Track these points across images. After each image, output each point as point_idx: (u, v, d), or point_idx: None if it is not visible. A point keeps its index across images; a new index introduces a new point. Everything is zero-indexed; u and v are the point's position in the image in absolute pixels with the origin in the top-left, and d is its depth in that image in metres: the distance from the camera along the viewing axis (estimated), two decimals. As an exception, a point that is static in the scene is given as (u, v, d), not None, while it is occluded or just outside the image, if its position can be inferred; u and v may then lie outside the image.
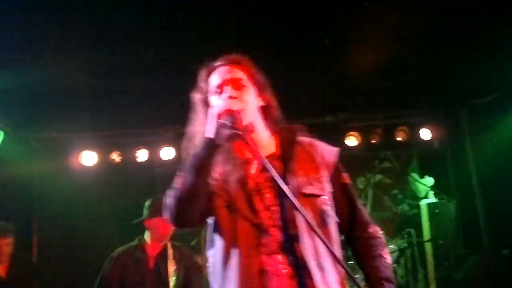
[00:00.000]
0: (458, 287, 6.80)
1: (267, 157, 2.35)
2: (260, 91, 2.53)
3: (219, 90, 2.46)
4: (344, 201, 2.53)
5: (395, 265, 6.95)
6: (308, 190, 2.37)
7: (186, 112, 2.40)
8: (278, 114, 2.57)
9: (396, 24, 5.11)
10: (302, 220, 2.24)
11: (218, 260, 2.36)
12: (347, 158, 2.62)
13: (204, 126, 2.37)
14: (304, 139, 2.54)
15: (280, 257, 2.25)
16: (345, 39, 5.43)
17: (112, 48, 5.30)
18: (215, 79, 2.50)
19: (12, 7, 4.56)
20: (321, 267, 2.25)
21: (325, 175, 2.45)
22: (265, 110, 2.54)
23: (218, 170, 2.39)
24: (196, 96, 2.58)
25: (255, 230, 2.29)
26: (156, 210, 4.73)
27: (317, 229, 2.14)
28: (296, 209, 2.19)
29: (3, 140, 6.50)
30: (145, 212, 4.87)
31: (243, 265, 2.26)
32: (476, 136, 7.32)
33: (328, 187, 2.43)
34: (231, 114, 2.29)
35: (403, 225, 7.62)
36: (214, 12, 4.86)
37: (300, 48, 5.32)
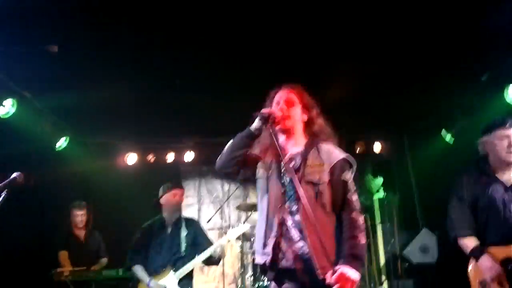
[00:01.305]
0: (401, 259, 6.80)
1: (295, 153, 2.73)
2: (305, 110, 2.81)
3: (276, 104, 2.80)
4: (340, 191, 2.64)
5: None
6: (309, 178, 2.60)
7: (202, 127, 2.53)
8: (319, 128, 2.81)
9: (355, 70, 5.16)
10: (303, 195, 2.48)
11: (258, 211, 2.76)
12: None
13: None
14: (324, 144, 2.75)
15: (293, 218, 2.59)
16: (318, 79, 5.45)
17: (149, 73, 5.31)
18: (277, 98, 2.83)
19: (77, 42, 4.56)
20: (314, 232, 2.46)
21: (326, 170, 2.63)
22: (307, 123, 2.81)
23: (265, 151, 2.76)
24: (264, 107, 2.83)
25: (281, 196, 2.63)
26: (165, 189, 4.98)
27: (311, 204, 2.48)
28: (299, 188, 2.50)
29: (68, 144, 6.50)
30: (160, 193, 5.01)
31: (270, 215, 2.63)
32: (414, 149, 7.36)
33: (325, 179, 2.61)
34: (271, 114, 2.67)
35: (361, 212, 7.61)
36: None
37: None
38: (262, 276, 5.05)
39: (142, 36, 4.57)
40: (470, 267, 3.46)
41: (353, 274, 2.42)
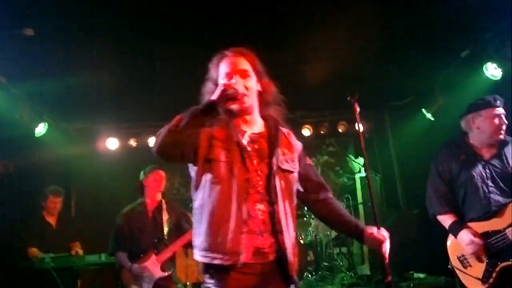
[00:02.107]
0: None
1: (256, 134, 2.34)
2: (260, 79, 2.39)
3: (227, 77, 2.32)
4: (310, 175, 2.48)
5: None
6: (285, 166, 2.32)
7: (183, 109, 2.30)
8: (272, 98, 2.42)
9: (337, 46, 5.14)
10: (279, 186, 2.23)
11: (209, 202, 2.21)
12: (303, 144, 2.59)
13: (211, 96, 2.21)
14: (284, 129, 2.44)
15: (262, 206, 2.20)
16: (302, 57, 5.41)
17: (130, 58, 5.24)
18: (225, 67, 2.35)
19: (54, 27, 4.47)
20: (286, 222, 2.23)
21: (296, 158, 2.40)
22: (261, 95, 2.40)
23: (223, 131, 2.27)
24: (208, 78, 2.42)
25: (246, 184, 2.20)
26: (146, 173, 4.87)
27: (284, 194, 2.24)
28: (275, 178, 2.23)
29: (47, 130, 6.39)
30: (141, 177, 4.91)
31: (229, 206, 2.16)
32: (395, 129, 7.42)
33: (297, 167, 2.39)
34: (235, 93, 2.18)
35: (343, 192, 7.69)
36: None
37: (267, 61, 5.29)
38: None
39: (120, 19, 4.49)
40: (448, 243, 3.50)
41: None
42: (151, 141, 7.38)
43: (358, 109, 2.63)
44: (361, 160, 7.76)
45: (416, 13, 4.58)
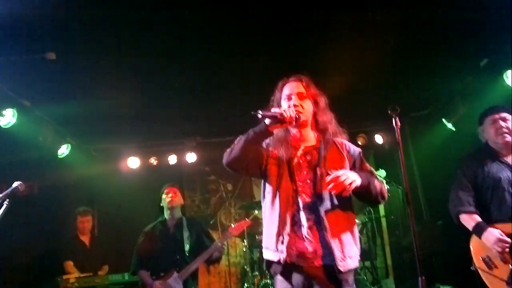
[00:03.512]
0: (406, 250, 6.78)
1: (309, 147, 2.73)
2: (315, 102, 2.79)
3: (287, 98, 2.76)
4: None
5: (360, 234, 6.94)
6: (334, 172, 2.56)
7: (203, 127, 2.47)
8: (327, 122, 2.79)
9: (354, 58, 5.13)
10: (326, 192, 2.54)
11: (266, 208, 2.67)
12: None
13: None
14: (338, 140, 2.79)
15: (305, 213, 2.56)
16: (320, 70, 5.42)
17: (150, 81, 5.30)
18: (286, 90, 2.80)
19: (75, 50, 4.56)
20: (332, 225, 2.52)
21: (347, 165, 2.68)
22: (316, 115, 2.79)
23: (278, 147, 2.70)
24: (272, 98, 2.86)
25: (292, 193, 2.59)
26: (162, 192, 5.06)
27: (331, 200, 2.55)
28: (321, 183, 2.55)
29: (70, 151, 6.50)
30: (161, 196, 5.05)
31: (282, 212, 2.57)
32: (416, 140, 7.31)
33: None
34: (282, 117, 2.55)
35: (365, 205, 7.61)
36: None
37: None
38: (267, 273, 5.04)
39: (140, 40, 4.56)
40: (471, 244, 3.49)
41: (353, 174, 2.50)
42: (171, 159, 7.45)
43: (399, 123, 2.95)
44: (382, 172, 7.68)
45: (433, 23, 4.55)
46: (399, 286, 6.58)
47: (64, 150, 6.40)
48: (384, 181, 7.49)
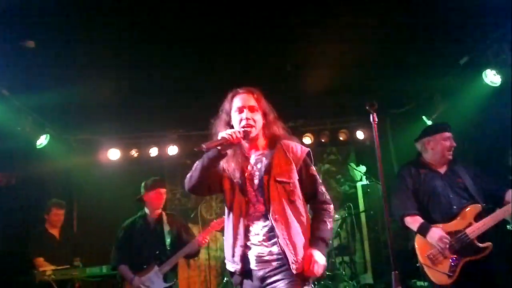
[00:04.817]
0: (384, 246, 6.85)
1: (259, 155, 2.79)
2: (264, 115, 2.83)
3: (238, 110, 2.79)
4: (310, 185, 2.80)
5: (339, 229, 6.99)
6: (280, 178, 2.68)
7: (185, 120, 2.47)
8: (276, 128, 2.85)
9: (337, 55, 5.16)
10: (275, 196, 2.63)
11: (225, 222, 2.81)
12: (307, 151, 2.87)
13: (222, 130, 2.74)
14: (284, 142, 2.81)
15: (260, 222, 2.66)
16: (302, 66, 5.43)
17: (131, 72, 5.25)
18: (238, 102, 2.82)
19: (55, 38, 4.47)
20: (286, 229, 2.60)
21: (294, 169, 2.72)
22: (266, 127, 2.84)
23: (230, 163, 2.76)
24: (222, 109, 2.91)
25: (245, 204, 2.69)
26: (148, 188, 4.87)
27: (282, 204, 2.63)
28: (269, 191, 2.63)
29: (49, 141, 6.39)
30: (142, 190, 4.91)
31: (235, 225, 2.70)
32: (396, 136, 7.38)
33: (295, 176, 2.72)
34: (229, 142, 2.61)
35: (345, 200, 7.66)
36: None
37: (270, 73, 5.30)
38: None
39: (121, 31, 4.50)
40: (416, 243, 3.81)
41: (321, 258, 2.61)
42: (152, 152, 7.38)
43: (376, 119, 3.05)
44: (362, 168, 7.74)
45: (414, 21, 4.59)
46: (377, 281, 6.64)
47: (43, 141, 6.26)
48: (364, 177, 7.57)
